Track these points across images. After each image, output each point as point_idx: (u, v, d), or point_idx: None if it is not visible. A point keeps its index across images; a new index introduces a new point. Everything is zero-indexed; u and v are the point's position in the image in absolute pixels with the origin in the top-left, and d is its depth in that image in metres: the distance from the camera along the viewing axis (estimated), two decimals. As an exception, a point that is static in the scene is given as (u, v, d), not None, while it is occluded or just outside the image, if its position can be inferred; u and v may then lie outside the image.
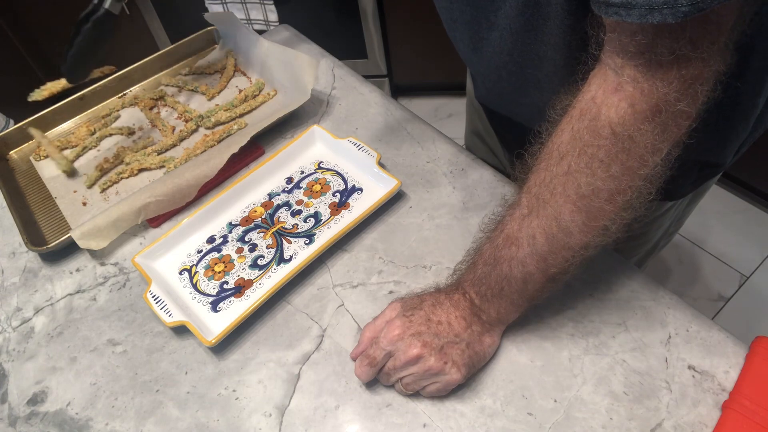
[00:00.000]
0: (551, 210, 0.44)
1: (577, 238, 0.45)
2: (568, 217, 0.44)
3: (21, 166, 0.79)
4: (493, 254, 0.49)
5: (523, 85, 0.59)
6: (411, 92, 2.14)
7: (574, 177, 0.43)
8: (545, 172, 0.45)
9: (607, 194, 0.42)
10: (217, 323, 0.58)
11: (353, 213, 0.66)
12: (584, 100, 0.42)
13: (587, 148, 0.42)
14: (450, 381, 0.50)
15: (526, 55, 0.55)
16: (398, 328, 0.50)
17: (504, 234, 0.48)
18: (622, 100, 0.39)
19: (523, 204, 0.47)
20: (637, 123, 0.40)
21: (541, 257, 0.46)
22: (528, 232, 0.46)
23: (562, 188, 0.43)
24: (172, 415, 0.54)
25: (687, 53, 0.36)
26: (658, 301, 0.56)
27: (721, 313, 1.48)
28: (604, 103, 0.40)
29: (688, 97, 0.38)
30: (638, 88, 0.39)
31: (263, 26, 1.71)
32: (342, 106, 0.80)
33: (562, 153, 0.43)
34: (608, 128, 0.40)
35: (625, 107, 0.39)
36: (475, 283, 0.51)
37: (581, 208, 0.43)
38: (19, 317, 0.63)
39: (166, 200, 0.68)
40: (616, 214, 0.44)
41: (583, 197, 0.43)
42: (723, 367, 0.51)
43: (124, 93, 0.86)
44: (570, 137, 0.43)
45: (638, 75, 0.38)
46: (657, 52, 0.37)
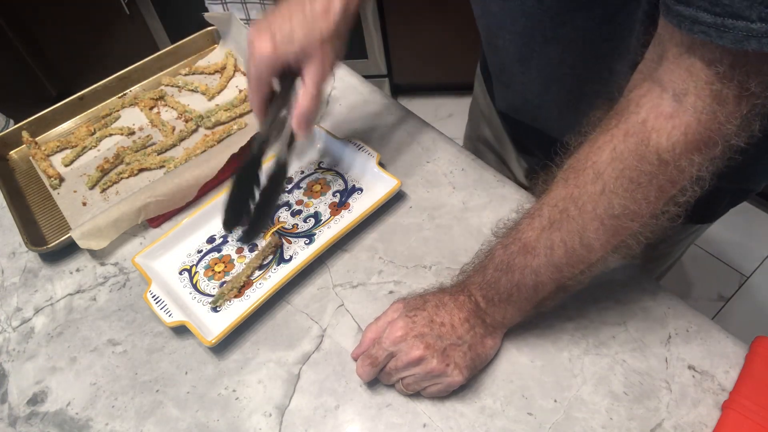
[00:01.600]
0: (576, 226, 0.43)
1: (598, 253, 0.44)
2: (593, 235, 0.43)
3: (21, 166, 0.79)
4: (505, 260, 0.48)
5: (577, 99, 0.58)
6: (411, 92, 2.14)
7: (608, 198, 0.42)
8: (575, 188, 0.43)
9: (639, 217, 0.42)
10: (217, 323, 0.58)
11: (353, 213, 0.66)
12: (632, 122, 0.40)
13: (628, 171, 0.40)
14: (451, 383, 0.50)
15: (594, 69, 0.53)
16: (401, 329, 0.50)
17: (520, 242, 0.47)
18: (676, 128, 0.38)
19: (545, 215, 0.46)
20: (688, 153, 0.38)
21: (556, 268, 0.46)
22: (546, 243, 0.45)
23: (593, 207, 0.42)
24: (172, 415, 0.54)
25: (757, 91, 0.35)
26: (658, 301, 0.56)
27: (721, 313, 1.48)
28: (655, 128, 0.39)
29: (744, 132, 0.37)
30: (697, 119, 0.37)
31: (263, 26, 1.70)
32: (342, 106, 0.80)
33: (598, 172, 0.42)
34: (656, 155, 0.39)
35: (677, 135, 0.38)
36: (483, 286, 0.50)
37: (608, 226, 0.42)
38: (19, 317, 0.63)
39: (166, 200, 0.68)
40: (641, 234, 0.43)
41: (613, 218, 0.42)
42: (723, 367, 0.51)
43: (124, 93, 0.86)
44: (610, 157, 0.41)
45: (702, 105, 0.36)
46: (729, 85, 0.35)
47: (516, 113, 0.71)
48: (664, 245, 0.70)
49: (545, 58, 0.56)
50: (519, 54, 0.59)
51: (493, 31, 0.61)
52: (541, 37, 0.54)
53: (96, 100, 0.84)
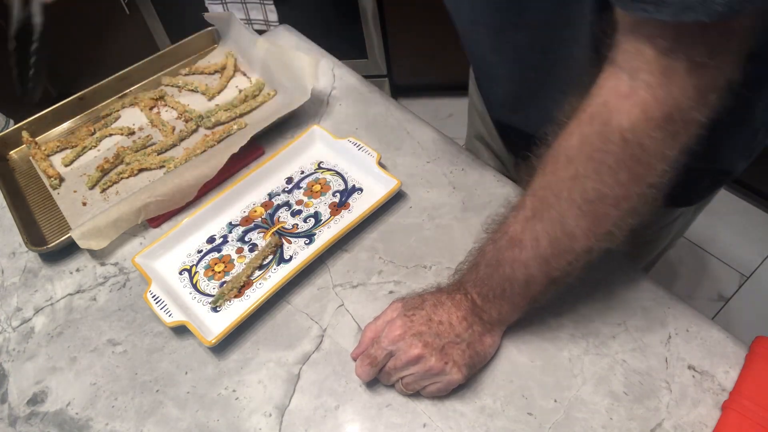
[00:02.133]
0: (556, 214, 0.44)
1: (581, 242, 0.44)
2: (573, 222, 0.44)
3: (21, 166, 0.79)
4: (495, 256, 0.49)
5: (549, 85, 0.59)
6: (411, 92, 2.13)
7: (581, 182, 0.42)
8: (551, 175, 0.44)
9: (613, 200, 0.42)
10: (217, 323, 0.58)
11: (353, 213, 0.66)
12: (595, 104, 0.41)
13: (596, 153, 0.41)
14: (451, 381, 0.50)
15: (560, 54, 0.54)
16: (399, 328, 0.50)
17: (507, 236, 0.48)
18: (634, 106, 0.39)
19: (527, 206, 0.46)
20: (648, 130, 0.39)
21: (544, 260, 0.46)
22: (531, 235, 0.46)
23: (568, 193, 0.43)
24: (172, 415, 0.54)
25: (705, 61, 0.36)
26: (658, 301, 0.56)
27: (721, 313, 1.48)
28: (616, 108, 0.39)
29: (702, 105, 0.38)
30: (651, 94, 0.38)
31: (263, 26, 1.71)
32: (342, 106, 0.80)
33: (570, 157, 0.43)
34: (618, 134, 0.40)
35: (637, 113, 0.39)
36: (477, 283, 0.51)
37: (586, 212, 0.43)
38: (19, 317, 0.63)
39: (166, 200, 0.68)
40: (621, 220, 0.43)
41: (588, 202, 0.43)
42: (723, 367, 0.51)
43: (124, 93, 0.86)
44: (579, 142, 0.42)
45: (653, 81, 0.37)
46: (675, 58, 0.36)
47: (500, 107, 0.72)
48: (648, 231, 0.70)
49: (517, 45, 0.57)
50: (492, 45, 0.60)
51: (467, 26, 0.62)
52: (510, 25, 0.55)
53: (96, 100, 0.84)
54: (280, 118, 0.75)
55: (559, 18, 0.50)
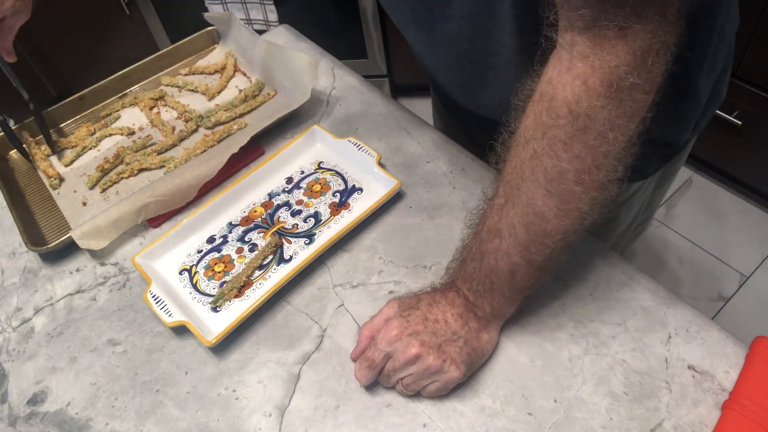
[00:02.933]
0: (525, 197, 0.45)
1: (554, 223, 0.45)
2: (541, 202, 0.44)
3: (21, 166, 0.79)
4: (478, 248, 0.49)
5: (485, 73, 0.60)
6: (411, 92, 2.13)
7: (540, 160, 0.43)
8: (515, 159, 0.45)
9: (573, 175, 0.42)
10: (217, 323, 0.58)
11: (353, 213, 0.66)
12: (543, 83, 0.42)
13: (548, 130, 0.42)
14: (449, 379, 0.50)
15: (488, 42, 0.55)
16: (396, 328, 0.50)
17: (486, 227, 0.49)
18: (575, 78, 0.39)
19: (500, 194, 0.47)
20: (591, 100, 0.40)
21: (523, 246, 0.47)
22: (507, 222, 0.47)
23: (531, 172, 0.44)
24: (172, 415, 0.54)
25: (632, 25, 0.36)
26: (658, 301, 0.56)
27: (721, 313, 1.48)
28: (559, 83, 0.40)
29: (639, 69, 0.38)
30: (588, 64, 0.39)
31: (263, 26, 1.71)
32: (342, 106, 0.80)
33: (527, 138, 0.44)
34: (565, 108, 0.40)
35: (578, 85, 0.39)
36: (466, 279, 0.51)
37: (552, 192, 0.44)
38: (19, 317, 0.63)
39: (166, 200, 0.68)
40: (586, 195, 0.44)
41: (551, 180, 0.43)
42: (723, 367, 0.51)
43: (124, 93, 0.86)
44: (533, 121, 0.43)
45: (587, 50, 0.38)
46: (603, 26, 0.37)
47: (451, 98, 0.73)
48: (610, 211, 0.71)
49: (449, 38, 0.58)
50: (428, 39, 0.61)
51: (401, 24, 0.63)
52: (441, 16, 0.56)
53: (96, 100, 0.84)
54: (280, 118, 0.75)
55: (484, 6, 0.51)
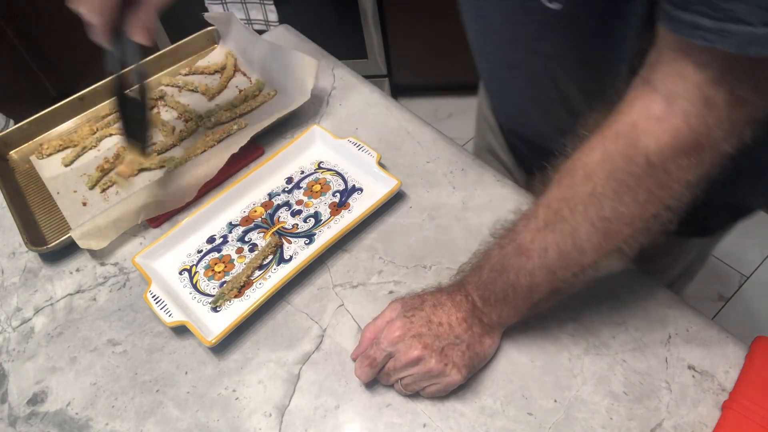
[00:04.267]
0: (568, 227, 0.44)
1: (590, 256, 0.44)
2: (585, 237, 0.43)
3: (21, 166, 0.79)
4: (501, 261, 0.49)
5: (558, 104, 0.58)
6: (411, 92, 2.13)
7: (598, 199, 0.42)
8: (567, 189, 0.44)
9: (628, 218, 0.42)
10: (217, 323, 0.58)
11: (353, 213, 0.66)
12: (623, 123, 0.40)
13: (617, 172, 0.40)
14: (450, 382, 0.50)
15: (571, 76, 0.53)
16: (399, 329, 0.50)
17: (516, 243, 0.47)
18: (665, 131, 0.38)
19: (540, 217, 0.46)
20: (676, 157, 0.38)
21: (550, 270, 0.46)
22: (540, 245, 0.46)
23: (584, 208, 0.43)
24: (172, 415, 0.54)
25: (746, 96, 0.35)
26: (658, 301, 0.56)
27: (721, 313, 1.48)
28: (645, 130, 0.39)
29: (733, 138, 0.37)
30: (686, 122, 0.37)
31: (263, 26, 1.71)
32: (342, 106, 0.80)
33: (589, 173, 0.42)
34: (644, 157, 0.39)
35: (666, 139, 0.38)
36: (480, 286, 0.51)
37: (599, 229, 0.43)
38: (19, 317, 0.63)
39: (166, 200, 0.68)
40: (632, 237, 0.43)
41: (603, 219, 0.42)
42: (723, 367, 0.51)
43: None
44: (600, 158, 0.41)
45: (691, 109, 0.36)
46: (719, 90, 0.35)
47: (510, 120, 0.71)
48: (664, 259, 0.69)
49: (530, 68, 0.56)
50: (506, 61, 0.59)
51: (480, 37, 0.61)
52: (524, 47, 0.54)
53: (96, 100, 0.84)
54: (280, 118, 0.75)
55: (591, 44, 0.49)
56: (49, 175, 0.76)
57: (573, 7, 0.45)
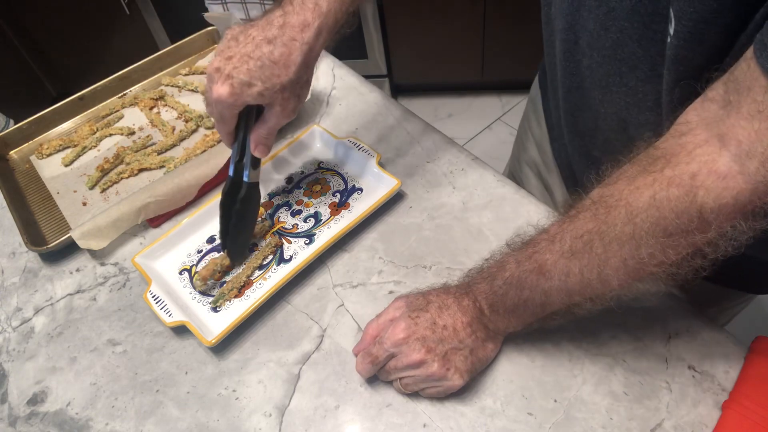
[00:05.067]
0: (597, 261, 0.42)
1: (613, 288, 0.43)
2: (612, 272, 0.42)
3: (21, 166, 0.79)
4: (517, 276, 0.47)
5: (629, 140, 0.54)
6: (411, 92, 2.14)
7: (637, 243, 0.39)
8: (604, 224, 0.41)
9: (662, 263, 0.40)
10: (217, 323, 0.58)
11: (353, 213, 0.66)
12: (680, 172, 0.37)
13: (664, 221, 0.38)
14: (451, 387, 0.50)
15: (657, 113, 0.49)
16: (403, 330, 0.49)
17: (536, 262, 0.46)
18: (727, 190, 0.35)
19: (566, 242, 0.44)
20: (733, 218, 0.36)
21: (567, 294, 0.45)
22: (562, 269, 0.44)
23: (618, 247, 0.40)
24: (172, 415, 0.54)
25: None
26: (658, 301, 0.56)
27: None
28: (705, 185, 0.35)
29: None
30: (753, 186, 0.34)
31: (263, 26, 1.70)
32: (342, 106, 0.80)
33: (632, 214, 0.39)
34: (698, 212, 0.36)
35: (727, 198, 0.35)
36: (490, 295, 0.50)
37: (630, 268, 0.41)
38: (19, 317, 0.63)
39: (166, 200, 0.68)
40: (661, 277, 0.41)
41: (635, 259, 0.40)
42: (723, 367, 0.51)
43: (124, 93, 0.86)
44: (648, 203, 0.38)
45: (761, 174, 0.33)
46: None
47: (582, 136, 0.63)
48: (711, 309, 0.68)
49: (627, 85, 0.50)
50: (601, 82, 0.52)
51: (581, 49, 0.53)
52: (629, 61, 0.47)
53: (96, 100, 0.84)
54: (280, 118, 0.75)
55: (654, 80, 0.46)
56: (49, 175, 0.76)
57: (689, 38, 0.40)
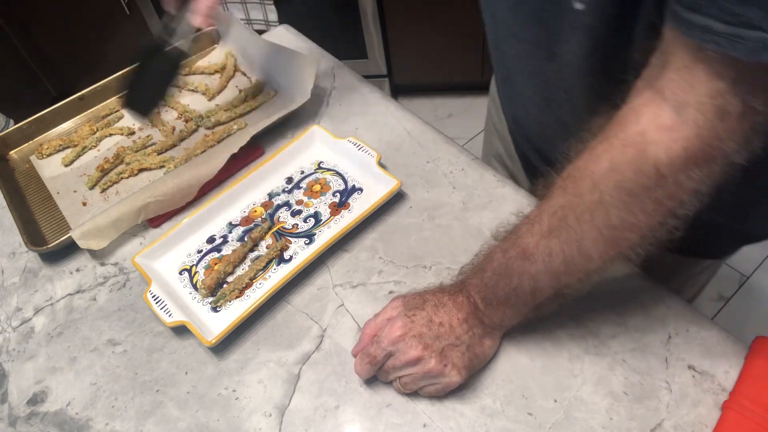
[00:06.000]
0: (574, 234, 0.43)
1: (595, 262, 0.44)
2: (590, 244, 0.43)
3: (21, 166, 0.79)
4: (504, 264, 0.48)
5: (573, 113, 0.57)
6: (411, 92, 2.14)
7: (606, 208, 0.41)
8: (574, 197, 0.43)
9: (636, 227, 0.41)
10: (217, 323, 0.58)
11: (353, 213, 0.66)
12: (630, 132, 0.39)
13: (626, 183, 0.40)
14: (449, 383, 0.50)
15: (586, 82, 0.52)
16: (400, 328, 0.50)
17: (519, 247, 0.47)
18: (675, 141, 0.37)
19: (544, 222, 0.45)
20: (687, 168, 0.37)
21: (554, 275, 0.46)
22: (545, 251, 0.45)
23: (590, 216, 0.42)
24: (172, 415, 0.54)
25: (756, 106, 0.34)
26: (658, 301, 0.56)
27: (721, 313, 1.48)
28: (654, 141, 0.38)
29: (745, 149, 0.36)
30: (697, 133, 0.36)
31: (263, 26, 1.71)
32: (342, 106, 0.80)
33: (596, 182, 0.41)
34: (653, 168, 0.38)
35: (676, 150, 0.37)
36: (481, 288, 0.50)
37: (606, 237, 0.42)
38: (19, 317, 0.63)
39: (166, 200, 0.68)
40: (639, 245, 0.43)
41: (610, 228, 0.42)
42: (723, 367, 0.51)
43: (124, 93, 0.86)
44: (608, 168, 0.40)
45: (702, 120, 0.35)
46: (732, 100, 0.34)
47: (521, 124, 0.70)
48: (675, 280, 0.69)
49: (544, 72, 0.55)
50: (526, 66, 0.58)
51: (502, 39, 0.59)
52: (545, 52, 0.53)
53: (96, 100, 0.84)
54: (280, 118, 0.75)
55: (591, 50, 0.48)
56: (49, 175, 0.76)
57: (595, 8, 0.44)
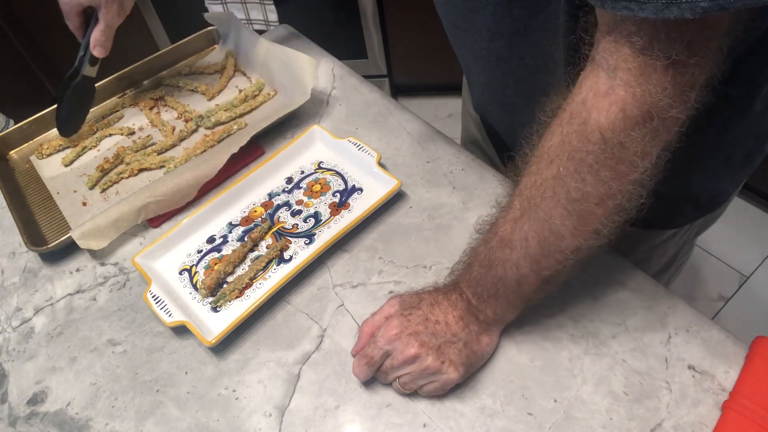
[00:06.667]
0: (542, 213, 0.44)
1: (569, 241, 0.45)
2: (559, 221, 0.44)
3: (21, 166, 0.79)
4: (487, 256, 0.49)
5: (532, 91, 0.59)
6: (411, 92, 2.13)
7: (564, 181, 0.42)
8: (536, 175, 0.44)
9: (596, 198, 0.42)
10: (217, 323, 0.58)
11: (353, 213, 0.66)
12: (574, 103, 0.41)
13: (576, 152, 0.41)
14: (447, 380, 0.50)
15: (540, 59, 0.54)
16: (396, 327, 0.50)
17: (498, 236, 0.48)
18: (613, 104, 0.38)
19: (516, 207, 0.47)
20: (628, 129, 0.39)
21: (534, 260, 0.46)
22: (520, 235, 0.46)
23: (552, 192, 0.43)
24: (172, 415, 0.54)
25: (683, 59, 0.36)
26: (658, 301, 0.56)
27: (721, 313, 1.48)
28: (594, 106, 0.39)
29: (681, 103, 0.38)
30: (630, 93, 0.38)
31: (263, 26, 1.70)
32: (342, 106, 0.80)
33: (552, 157, 0.43)
34: (597, 133, 0.39)
35: (615, 112, 0.38)
36: (471, 284, 0.51)
37: (571, 212, 0.43)
38: (19, 317, 0.63)
39: (166, 200, 0.68)
40: (606, 218, 0.43)
41: (573, 201, 0.43)
42: (723, 367, 0.51)
43: (124, 93, 0.86)
44: (559, 141, 0.42)
45: (631, 79, 0.37)
46: (653, 56, 0.36)
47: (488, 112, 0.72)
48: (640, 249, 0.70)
49: (495, 53, 0.57)
50: (473, 52, 0.60)
51: (450, 30, 0.62)
52: (487, 33, 0.55)
53: (96, 100, 0.84)
54: (280, 118, 0.75)
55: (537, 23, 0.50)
56: (49, 175, 0.76)
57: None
